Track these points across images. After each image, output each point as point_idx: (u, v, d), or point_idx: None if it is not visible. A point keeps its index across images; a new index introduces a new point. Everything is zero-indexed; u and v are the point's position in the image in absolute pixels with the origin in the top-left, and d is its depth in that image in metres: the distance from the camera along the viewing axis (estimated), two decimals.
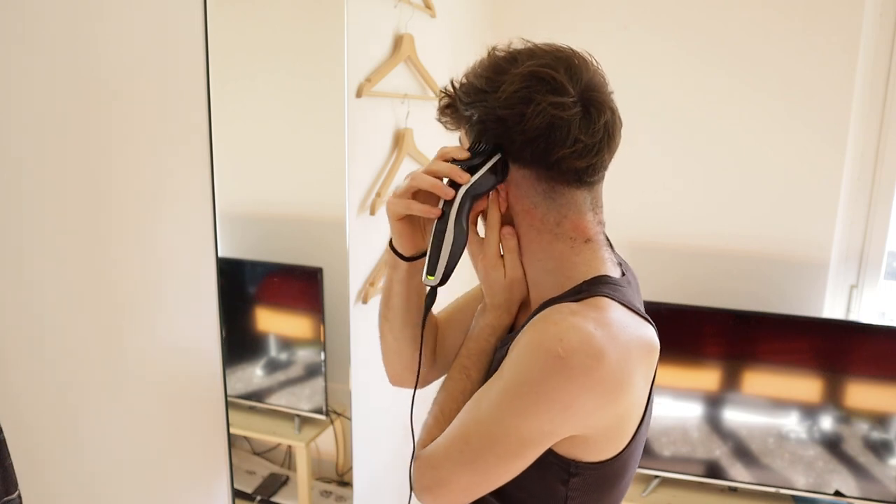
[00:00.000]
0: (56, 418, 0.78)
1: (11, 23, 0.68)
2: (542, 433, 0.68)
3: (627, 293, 0.77)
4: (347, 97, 1.32)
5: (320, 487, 1.46)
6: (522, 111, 0.71)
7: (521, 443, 0.69)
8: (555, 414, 0.67)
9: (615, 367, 0.67)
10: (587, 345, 0.65)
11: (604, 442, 0.72)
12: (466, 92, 0.75)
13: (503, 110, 0.72)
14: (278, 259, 1.33)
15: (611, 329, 0.68)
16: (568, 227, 0.76)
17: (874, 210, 1.96)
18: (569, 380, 0.65)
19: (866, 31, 1.83)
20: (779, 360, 1.88)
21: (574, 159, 0.72)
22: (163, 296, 0.93)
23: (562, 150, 0.71)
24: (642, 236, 2.13)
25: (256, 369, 1.31)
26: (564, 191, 0.75)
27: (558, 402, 0.66)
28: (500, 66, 0.74)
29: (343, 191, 1.34)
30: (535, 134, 0.71)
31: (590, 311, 0.69)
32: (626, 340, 0.69)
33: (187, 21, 0.92)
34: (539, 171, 0.74)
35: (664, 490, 1.98)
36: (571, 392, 0.66)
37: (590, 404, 0.67)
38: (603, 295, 0.72)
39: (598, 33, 2.06)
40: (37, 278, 0.74)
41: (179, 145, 0.93)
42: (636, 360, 0.70)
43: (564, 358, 0.65)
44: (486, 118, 0.73)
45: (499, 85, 0.72)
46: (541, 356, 0.66)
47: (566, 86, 0.71)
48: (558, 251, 0.77)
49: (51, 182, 0.75)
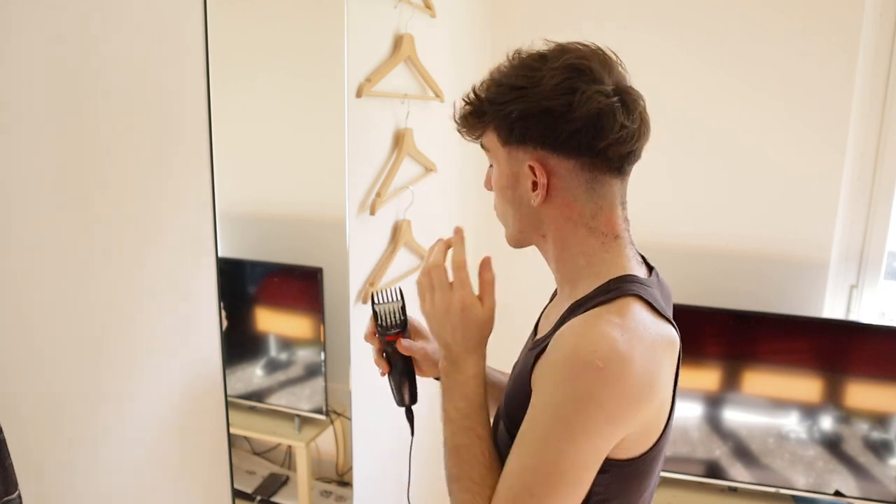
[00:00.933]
0: (56, 418, 0.78)
1: (11, 22, 0.68)
2: (597, 450, 0.69)
3: (654, 293, 0.78)
4: (347, 97, 1.32)
5: (320, 487, 1.46)
6: (569, 100, 0.72)
7: (583, 468, 0.68)
8: (604, 427, 0.67)
9: (646, 366, 0.68)
10: (618, 350, 0.66)
11: (637, 440, 0.73)
12: (499, 92, 0.76)
13: (549, 101, 0.73)
14: (278, 259, 1.33)
15: (637, 331, 0.69)
16: (602, 222, 0.78)
17: (874, 210, 1.95)
18: (610, 389, 0.66)
19: (866, 31, 1.83)
20: (779, 360, 1.88)
21: (620, 145, 0.75)
22: (163, 296, 0.93)
23: (610, 137, 0.73)
24: (642, 236, 2.10)
25: (256, 369, 1.31)
26: (605, 181, 0.77)
27: (604, 414, 0.67)
28: (532, 63, 0.76)
29: (343, 191, 1.34)
30: (583, 123, 0.73)
31: (614, 316, 0.70)
32: (652, 340, 0.71)
33: (187, 21, 0.92)
34: (584, 161, 0.75)
35: (664, 490, 1.98)
36: (613, 400, 0.67)
37: (631, 408, 0.68)
38: (631, 294, 0.73)
39: (598, 33, 2.03)
40: (36, 278, 0.74)
41: (179, 145, 0.93)
42: (661, 358, 0.72)
43: (603, 368, 0.65)
44: (530, 112, 0.74)
45: (539, 79, 0.74)
46: (578, 372, 0.67)
47: (604, 76, 0.74)
48: (591, 247, 0.79)
49: (50, 182, 0.75)
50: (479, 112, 0.79)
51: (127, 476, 0.90)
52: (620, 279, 0.77)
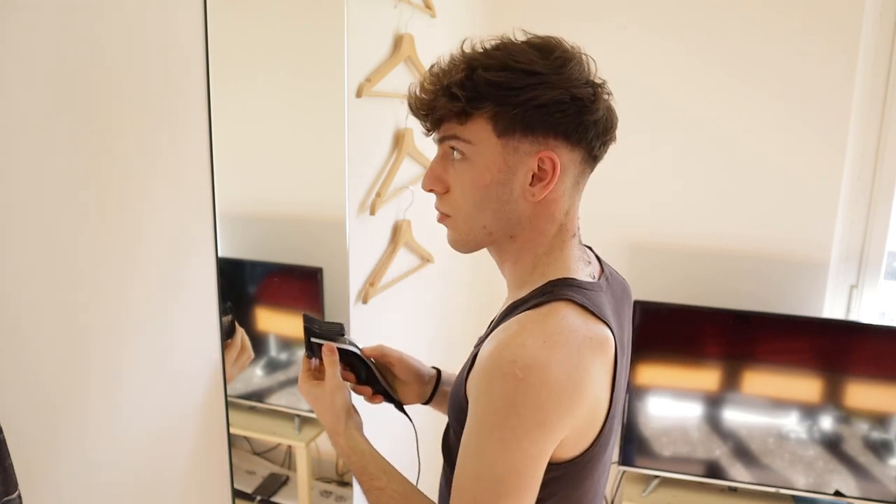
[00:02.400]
0: (56, 419, 0.78)
1: (10, 22, 0.68)
2: (531, 457, 0.69)
3: (592, 295, 0.76)
4: (347, 97, 1.32)
5: (320, 487, 1.46)
6: (594, 91, 0.73)
7: (520, 475, 0.68)
8: (533, 434, 0.68)
9: (568, 370, 0.68)
10: (536, 359, 0.67)
11: (574, 440, 0.73)
12: (514, 76, 0.71)
13: (577, 89, 0.72)
14: (278, 259, 1.33)
15: (558, 335, 0.69)
16: (570, 219, 0.79)
17: (874, 210, 1.96)
18: (533, 396, 0.66)
19: (866, 31, 1.83)
20: (779, 360, 1.88)
21: (613, 140, 0.77)
22: (162, 296, 0.92)
23: (614, 131, 0.76)
24: (642, 236, 2.13)
25: (256, 369, 1.30)
26: (587, 175, 0.79)
27: (531, 421, 0.67)
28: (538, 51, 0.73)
29: (343, 191, 1.34)
30: (601, 114, 0.74)
31: (535, 324, 0.70)
32: (577, 343, 0.70)
33: (187, 21, 0.92)
34: (586, 152, 0.76)
35: (664, 490, 1.98)
36: (538, 407, 0.67)
37: (558, 412, 0.68)
38: (565, 298, 0.73)
39: (597, 33, 2.05)
40: (35, 279, 0.74)
41: (179, 145, 0.93)
42: (588, 359, 0.71)
43: (524, 378, 0.66)
44: (559, 98, 0.71)
45: (560, 66, 0.72)
46: (501, 383, 0.67)
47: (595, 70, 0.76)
48: (552, 246, 0.79)
49: (49, 182, 0.75)
50: (473, 98, 0.73)
51: (127, 476, 0.90)
52: (558, 282, 0.76)
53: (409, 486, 0.83)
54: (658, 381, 1.93)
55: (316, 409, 0.93)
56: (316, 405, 0.93)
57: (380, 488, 0.83)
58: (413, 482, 0.85)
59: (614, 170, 0.82)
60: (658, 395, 1.93)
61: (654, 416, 1.93)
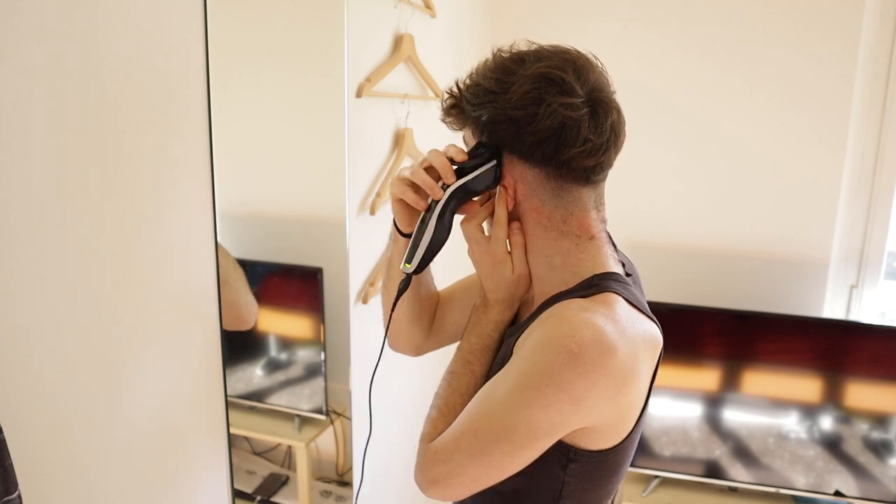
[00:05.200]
0: (56, 419, 0.78)
1: (10, 23, 0.68)
2: (551, 424, 0.69)
3: (633, 291, 0.79)
4: (347, 97, 1.32)
5: (320, 487, 1.46)
6: (535, 112, 0.72)
7: (531, 434, 0.69)
8: (565, 405, 0.68)
9: (625, 360, 0.69)
10: (599, 340, 0.67)
11: (607, 432, 0.74)
12: (474, 93, 0.77)
13: (515, 111, 0.73)
14: (278, 259, 1.33)
15: (620, 324, 0.70)
16: (574, 225, 0.78)
17: (874, 210, 1.95)
18: (582, 374, 0.67)
19: (866, 31, 1.83)
20: (779, 360, 1.88)
21: (583, 158, 0.74)
22: (163, 295, 0.92)
23: (572, 150, 0.73)
24: (642, 236, 2.12)
25: (256, 369, 1.30)
26: (571, 189, 0.77)
27: (570, 394, 0.68)
28: (508, 67, 0.75)
29: (343, 191, 1.34)
30: (546, 134, 0.73)
31: (599, 307, 0.71)
32: (634, 335, 0.72)
33: (187, 21, 0.92)
34: (548, 170, 0.76)
35: (664, 490, 1.98)
36: (583, 386, 0.67)
37: (600, 397, 0.69)
38: (612, 291, 0.74)
39: (598, 33, 2.05)
40: (36, 279, 0.74)
41: (179, 145, 0.93)
42: (642, 354, 0.73)
43: (578, 353, 0.66)
44: (497, 119, 0.74)
45: (509, 86, 0.73)
46: (554, 351, 0.68)
47: (575, 87, 0.73)
48: (564, 248, 0.79)
49: (50, 182, 0.75)
50: (459, 108, 0.80)
51: (127, 476, 0.90)
52: (603, 276, 0.77)
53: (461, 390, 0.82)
54: (658, 381, 1.92)
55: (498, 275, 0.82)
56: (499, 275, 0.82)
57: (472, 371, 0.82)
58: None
59: (614, 170, 0.82)
60: (658, 394, 1.93)
61: (654, 416, 1.93)
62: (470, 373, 0.82)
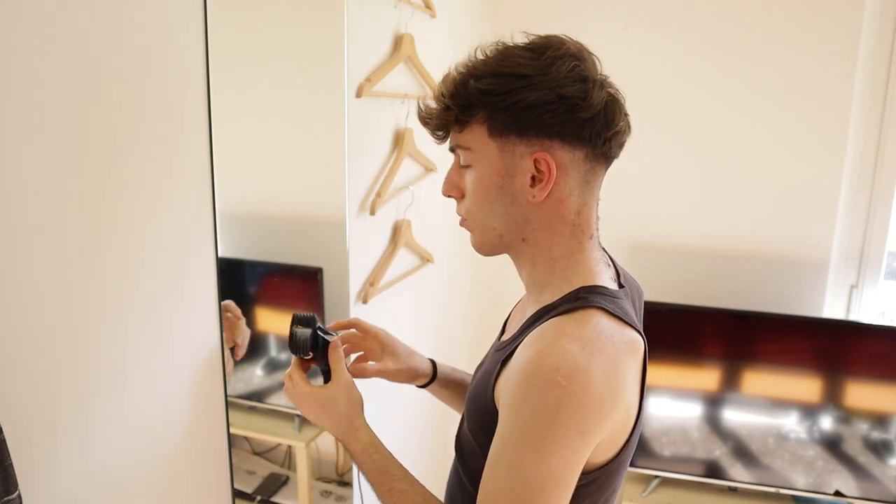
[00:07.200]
0: (56, 418, 0.78)
1: (10, 23, 0.68)
2: (571, 465, 0.68)
3: (621, 304, 0.77)
4: (347, 97, 1.32)
5: (320, 487, 1.46)
6: (584, 88, 0.72)
7: (558, 483, 0.67)
8: (574, 442, 0.67)
9: (607, 376, 0.68)
10: (579, 365, 0.66)
11: (606, 446, 0.73)
12: (502, 81, 0.73)
13: (564, 88, 0.72)
14: (278, 259, 1.33)
15: (597, 341, 0.69)
16: (583, 219, 0.78)
17: (874, 210, 1.96)
18: (577, 404, 0.66)
19: (866, 31, 1.83)
20: (779, 360, 1.88)
21: (620, 136, 0.76)
22: (163, 296, 0.92)
23: (618, 125, 0.74)
24: (642, 236, 2.13)
25: (256, 369, 1.30)
26: (597, 173, 0.78)
27: (574, 429, 0.67)
28: (525, 53, 0.74)
29: (343, 191, 1.34)
30: (598, 109, 0.73)
31: (573, 328, 0.70)
32: (613, 348, 0.70)
33: (187, 21, 0.92)
34: (589, 150, 0.75)
35: (664, 490, 1.98)
36: (581, 415, 0.67)
37: (596, 420, 0.68)
38: (596, 306, 0.73)
39: (598, 33, 2.04)
40: (35, 279, 0.74)
41: (179, 145, 0.93)
42: (624, 364, 0.71)
43: (566, 386, 0.65)
44: (545, 99, 0.72)
45: (545, 67, 0.72)
46: (544, 390, 0.66)
47: (599, 66, 0.75)
48: (568, 248, 0.79)
49: (49, 182, 0.75)
50: (466, 106, 0.76)
51: (127, 476, 0.90)
52: (589, 289, 0.76)
53: (428, 492, 0.82)
54: (658, 381, 1.92)
55: (326, 412, 0.88)
56: (328, 406, 0.87)
57: (402, 490, 0.80)
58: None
59: (614, 170, 0.82)
60: (658, 394, 1.93)
61: (654, 416, 1.93)
62: (399, 493, 0.80)
